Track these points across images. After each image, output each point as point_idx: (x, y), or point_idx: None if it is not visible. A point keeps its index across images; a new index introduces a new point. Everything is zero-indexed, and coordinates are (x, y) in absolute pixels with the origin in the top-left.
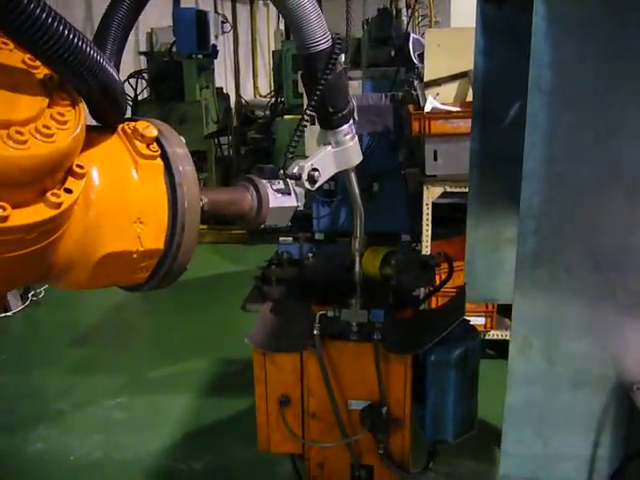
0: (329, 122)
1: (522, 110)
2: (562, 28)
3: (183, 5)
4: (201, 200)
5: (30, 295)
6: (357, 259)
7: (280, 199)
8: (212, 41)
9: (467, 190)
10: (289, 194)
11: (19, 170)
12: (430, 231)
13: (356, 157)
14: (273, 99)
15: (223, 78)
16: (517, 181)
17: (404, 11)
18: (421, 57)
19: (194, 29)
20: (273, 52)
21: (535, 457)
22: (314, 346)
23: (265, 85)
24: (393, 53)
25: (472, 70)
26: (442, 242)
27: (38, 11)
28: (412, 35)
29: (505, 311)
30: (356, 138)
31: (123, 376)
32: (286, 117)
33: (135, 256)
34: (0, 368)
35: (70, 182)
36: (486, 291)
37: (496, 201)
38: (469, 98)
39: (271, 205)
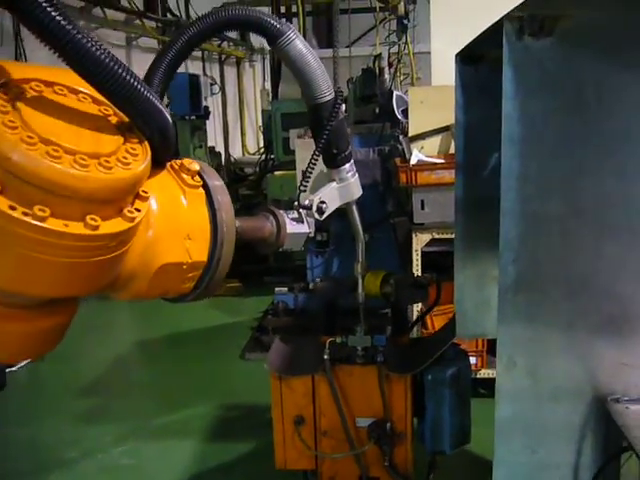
0: (333, 161)
1: (499, 159)
2: (527, 89)
3: None
4: (235, 224)
5: None
6: (360, 281)
7: (295, 226)
8: (203, 103)
9: (453, 235)
10: (302, 222)
11: (107, 190)
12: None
13: (357, 191)
14: (263, 156)
15: (213, 137)
16: (498, 222)
17: (387, 70)
18: (405, 113)
19: (187, 92)
20: (263, 111)
21: (524, 466)
22: (325, 370)
23: (253, 143)
24: (378, 110)
25: (453, 124)
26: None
27: (124, 74)
28: (395, 92)
29: (495, 351)
30: (356, 175)
31: (129, 424)
32: (276, 173)
33: (185, 267)
34: (9, 420)
35: (138, 203)
36: (475, 327)
37: (481, 243)
38: (452, 150)
39: (288, 231)
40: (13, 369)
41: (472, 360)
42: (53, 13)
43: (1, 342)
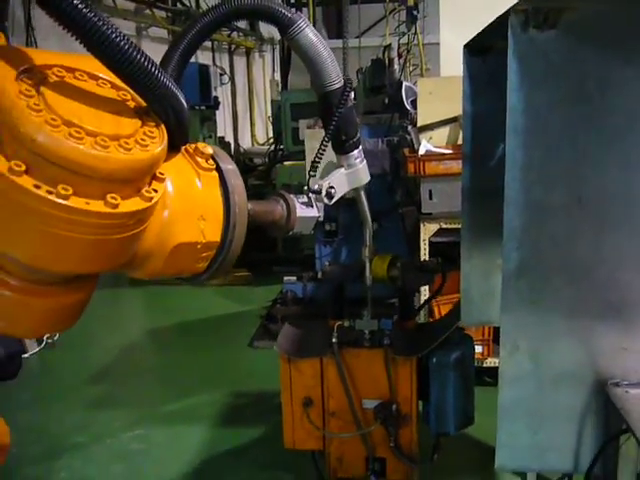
0: (342, 148)
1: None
2: (532, 80)
3: None
4: (247, 206)
5: (45, 338)
6: (367, 264)
7: (305, 210)
8: (213, 93)
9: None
10: (312, 206)
11: (127, 170)
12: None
13: (365, 177)
14: (272, 146)
15: (223, 127)
16: (503, 211)
17: (396, 60)
18: (414, 104)
19: (197, 82)
20: (272, 101)
21: (526, 448)
22: (333, 352)
23: (262, 133)
24: (387, 100)
25: (461, 115)
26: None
27: (143, 60)
28: (404, 83)
29: None
30: (365, 161)
31: (139, 410)
32: (286, 163)
33: (199, 247)
34: (20, 405)
35: (155, 184)
36: (481, 315)
37: (487, 232)
38: (460, 141)
39: (298, 215)
40: (25, 355)
41: (478, 349)
42: (75, 1)
43: (24, 317)
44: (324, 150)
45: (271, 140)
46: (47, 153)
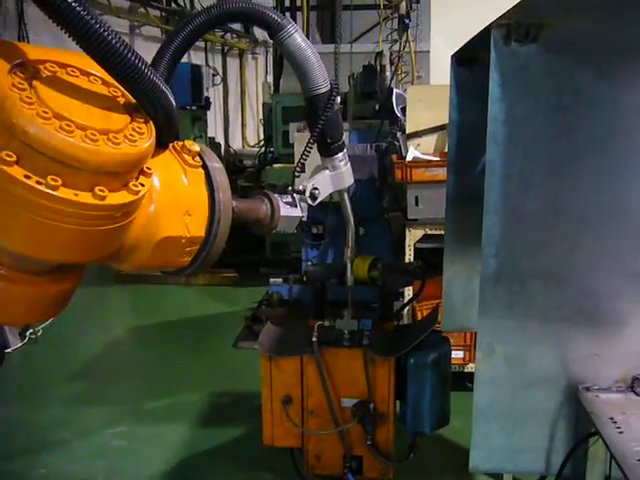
0: (327, 150)
1: None
2: (512, 92)
3: None
4: (232, 203)
5: (28, 333)
6: (349, 265)
7: (289, 209)
8: (204, 93)
9: None
10: (296, 206)
11: (114, 163)
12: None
13: (349, 179)
14: (262, 149)
15: (213, 128)
16: None
17: (388, 67)
18: (404, 110)
19: (189, 82)
20: (264, 104)
21: (500, 449)
22: (313, 351)
23: (253, 135)
24: (377, 107)
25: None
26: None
27: (134, 59)
28: (395, 90)
29: None
30: (349, 164)
31: (121, 407)
32: (275, 166)
33: (183, 241)
34: (2, 400)
35: (142, 179)
36: (462, 320)
37: (470, 239)
38: (447, 149)
39: (282, 214)
40: (7, 350)
41: (459, 354)
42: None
43: (11, 305)
44: (309, 152)
45: (262, 142)
46: (38, 144)
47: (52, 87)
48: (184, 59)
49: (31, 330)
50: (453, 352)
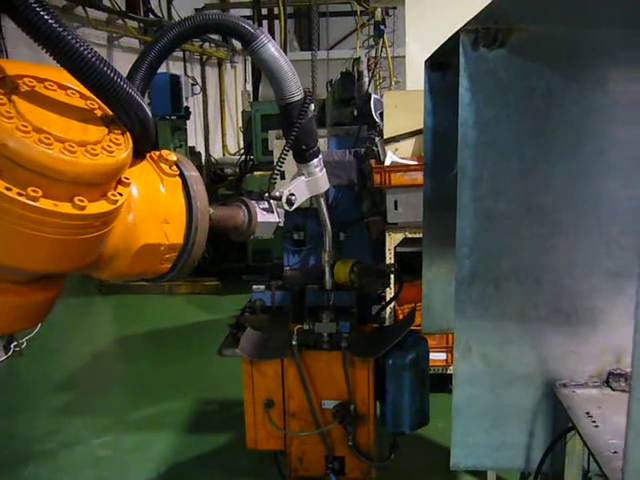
0: (302, 157)
1: None
2: (482, 96)
3: None
4: (209, 211)
5: (12, 346)
6: (327, 269)
7: (266, 216)
8: (184, 103)
9: None
10: (272, 212)
11: (93, 174)
12: (393, 276)
13: (324, 184)
14: (242, 157)
15: (194, 137)
16: None
17: (365, 73)
18: (382, 116)
19: (168, 92)
20: (242, 112)
21: (480, 446)
22: (293, 355)
23: (233, 143)
24: (356, 112)
25: None
26: (407, 286)
27: (109, 72)
28: (373, 96)
29: None
30: (324, 170)
31: (107, 417)
32: (256, 173)
33: (162, 248)
34: None
35: (120, 188)
36: (442, 322)
37: (448, 241)
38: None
39: (259, 220)
40: None
41: (441, 356)
42: (44, 15)
43: None
44: (284, 158)
45: (242, 150)
46: (18, 157)
47: (31, 101)
48: (163, 69)
49: (15, 343)
50: (435, 354)
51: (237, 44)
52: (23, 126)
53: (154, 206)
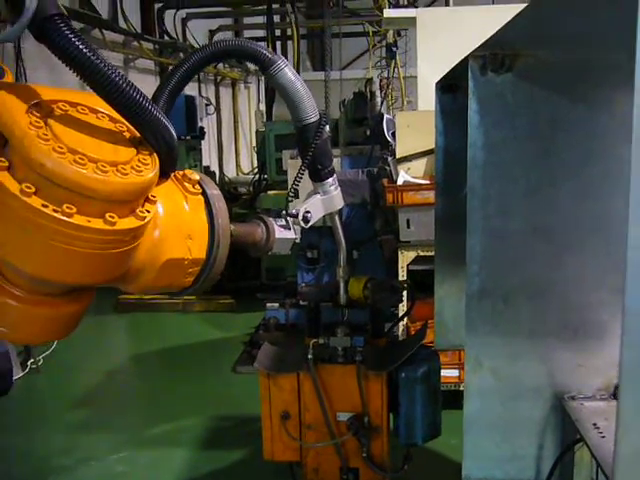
0: (318, 176)
1: None
2: (490, 119)
3: None
4: (230, 227)
5: (29, 363)
6: (341, 285)
7: (283, 232)
8: (199, 123)
9: None
10: (289, 229)
11: (123, 192)
12: (406, 292)
13: (339, 202)
14: (256, 176)
15: (208, 157)
16: None
17: (378, 93)
18: (395, 135)
19: (183, 113)
20: (256, 132)
21: (491, 458)
22: (308, 368)
23: (247, 163)
24: (368, 132)
25: None
26: (419, 303)
27: (137, 96)
28: (386, 116)
29: None
30: (339, 188)
31: (123, 434)
32: (270, 192)
33: (186, 262)
34: (4, 429)
35: (148, 206)
36: (454, 338)
37: (459, 258)
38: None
39: (276, 236)
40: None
41: (454, 373)
42: (79, 44)
43: (25, 324)
44: (301, 178)
45: (255, 170)
46: (54, 176)
47: (65, 124)
48: None
49: (32, 360)
50: (447, 371)
51: (251, 65)
52: (59, 147)
53: (178, 223)
